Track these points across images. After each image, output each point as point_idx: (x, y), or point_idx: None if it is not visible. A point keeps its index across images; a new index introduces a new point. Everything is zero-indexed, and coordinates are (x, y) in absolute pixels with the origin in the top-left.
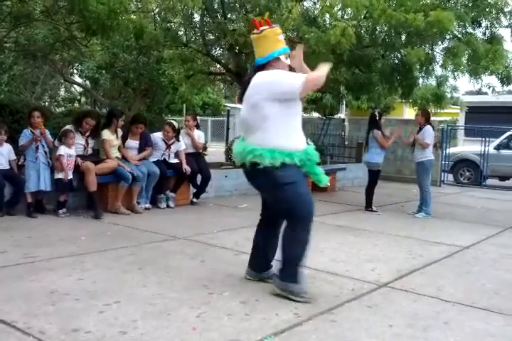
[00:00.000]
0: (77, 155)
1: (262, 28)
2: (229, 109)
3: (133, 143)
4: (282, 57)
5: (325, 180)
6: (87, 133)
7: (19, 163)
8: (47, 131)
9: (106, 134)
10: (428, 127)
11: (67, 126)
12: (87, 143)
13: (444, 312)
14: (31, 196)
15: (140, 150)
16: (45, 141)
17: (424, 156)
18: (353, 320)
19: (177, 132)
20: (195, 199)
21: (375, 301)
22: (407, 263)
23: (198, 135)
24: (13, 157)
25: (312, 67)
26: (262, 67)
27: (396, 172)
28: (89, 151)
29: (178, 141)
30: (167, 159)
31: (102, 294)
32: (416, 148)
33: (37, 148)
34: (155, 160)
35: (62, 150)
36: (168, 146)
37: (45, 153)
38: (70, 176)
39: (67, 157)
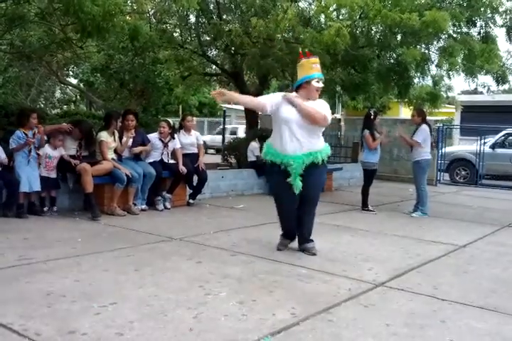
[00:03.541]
0: (71, 156)
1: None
2: (225, 110)
3: (128, 141)
4: (313, 82)
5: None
6: (81, 137)
7: (10, 164)
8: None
9: (104, 136)
10: (423, 126)
11: None
12: (80, 145)
13: (440, 311)
14: (23, 197)
15: (133, 147)
16: (39, 142)
17: (420, 155)
18: (350, 320)
19: (172, 129)
20: (191, 200)
21: (371, 300)
22: (403, 263)
23: (197, 135)
24: (4, 158)
25: None
26: (297, 88)
27: (392, 172)
28: (84, 153)
29: (173, 138)
30: (164, 159)
31: (99, 295)
32: (413, 148)
33: (29, 151)
34: (152, 161)
35: (43, 150)
36: (166, 145)
37: (38, 155)
38: (53, 175)
39: (45, 158)
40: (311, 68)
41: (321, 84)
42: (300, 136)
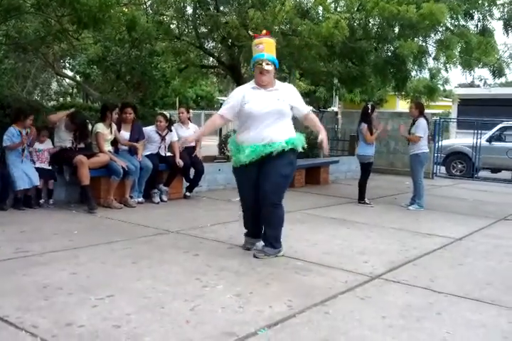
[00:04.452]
0: (67, 149)
1: None
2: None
3: (125, 134)
4: (256, 65)
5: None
6: (75, 128)
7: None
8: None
9: (100, 127)
10: (421, 120)
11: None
12: (75, 137)
13: (436, 303)
14: (20, 192)
15: (131, 142)
16: (30, 141)
17: (418, 149)
18: (346, 312)
19: (169, 122)
20: (188, 193)
21: (368, 293)
22: (400, 255)
23: (195, 129)
24: None
25: (305, 58)
26: None
27: (389, 165)
28: (80, 145)
29: (171, 130)
30: (161, 152)
31: (96, 288)
32: (411, 141)
33: (23, 150)
34: (149, 153)
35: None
36: (163, 138)
37: (29, 152)
38: (48, 167)
39: (35, 152)
40: (254, 50)
41: (264, 66)
42: (262, 128)
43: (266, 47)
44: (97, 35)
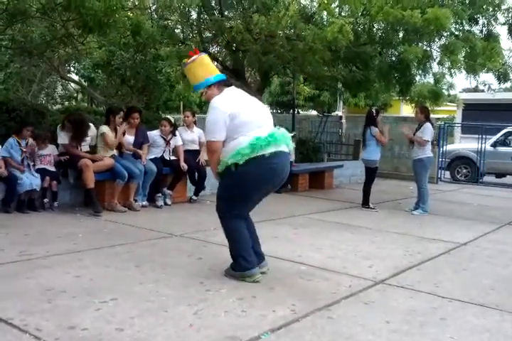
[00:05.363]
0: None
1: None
2: None
3: (129, 138)
4: None
5: None
6: (73, 128)
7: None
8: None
9: (105, 129)
10: (428, 124)
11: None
12: (76, 140)
13: (440, 309)
14: (25, 194)
15: (135, 146)
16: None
17: (422, 153)
18: (350, 317)
19: (173, 126)
20: (194, 197)
21: (371, 298)
22: (404, 260)
23: (199, 133)
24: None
25: (309, 63)
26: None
27: (393, 170)
28: (85, 148)
29: (175, 135)
30: (165, 156)
31: (99, 291)
32: (415, 145)
33: (22, 160)
34: (153, 157)
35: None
36: (167, 142)
37: (27, 157)
38: (52, 169)
39: (38, 156)
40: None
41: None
42: None
43: (190, 79)
44: (101, 40)
